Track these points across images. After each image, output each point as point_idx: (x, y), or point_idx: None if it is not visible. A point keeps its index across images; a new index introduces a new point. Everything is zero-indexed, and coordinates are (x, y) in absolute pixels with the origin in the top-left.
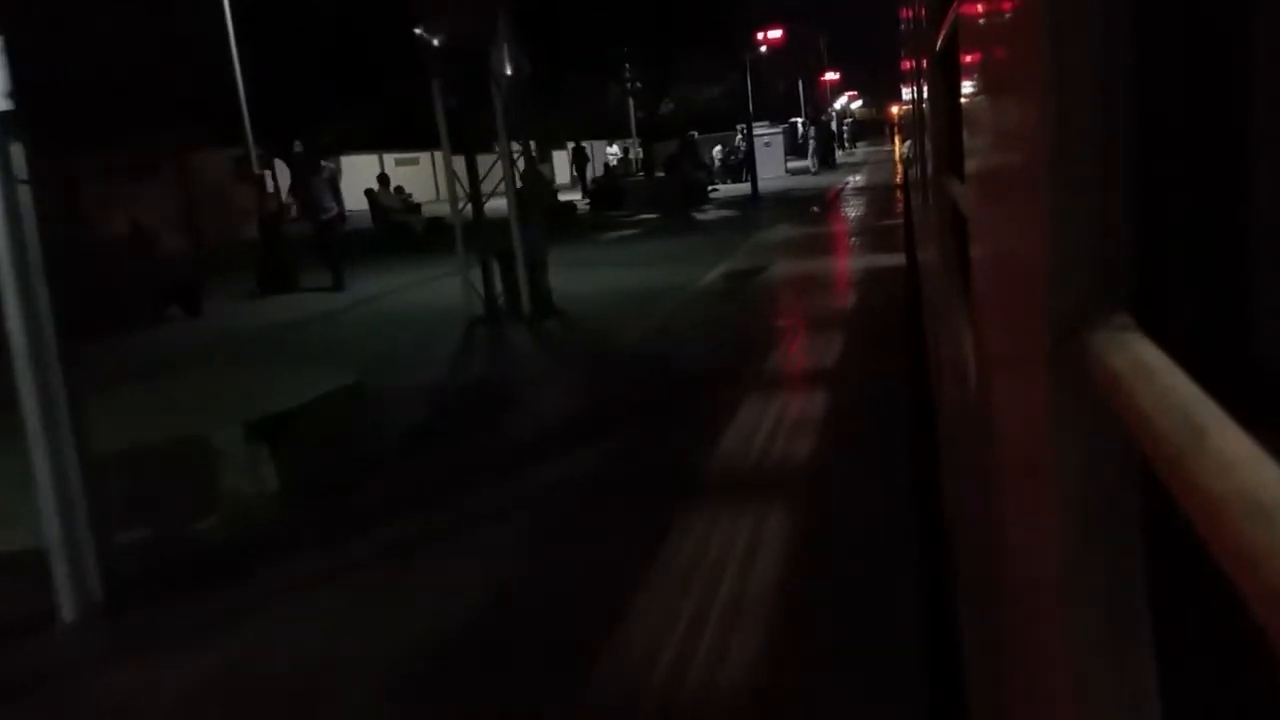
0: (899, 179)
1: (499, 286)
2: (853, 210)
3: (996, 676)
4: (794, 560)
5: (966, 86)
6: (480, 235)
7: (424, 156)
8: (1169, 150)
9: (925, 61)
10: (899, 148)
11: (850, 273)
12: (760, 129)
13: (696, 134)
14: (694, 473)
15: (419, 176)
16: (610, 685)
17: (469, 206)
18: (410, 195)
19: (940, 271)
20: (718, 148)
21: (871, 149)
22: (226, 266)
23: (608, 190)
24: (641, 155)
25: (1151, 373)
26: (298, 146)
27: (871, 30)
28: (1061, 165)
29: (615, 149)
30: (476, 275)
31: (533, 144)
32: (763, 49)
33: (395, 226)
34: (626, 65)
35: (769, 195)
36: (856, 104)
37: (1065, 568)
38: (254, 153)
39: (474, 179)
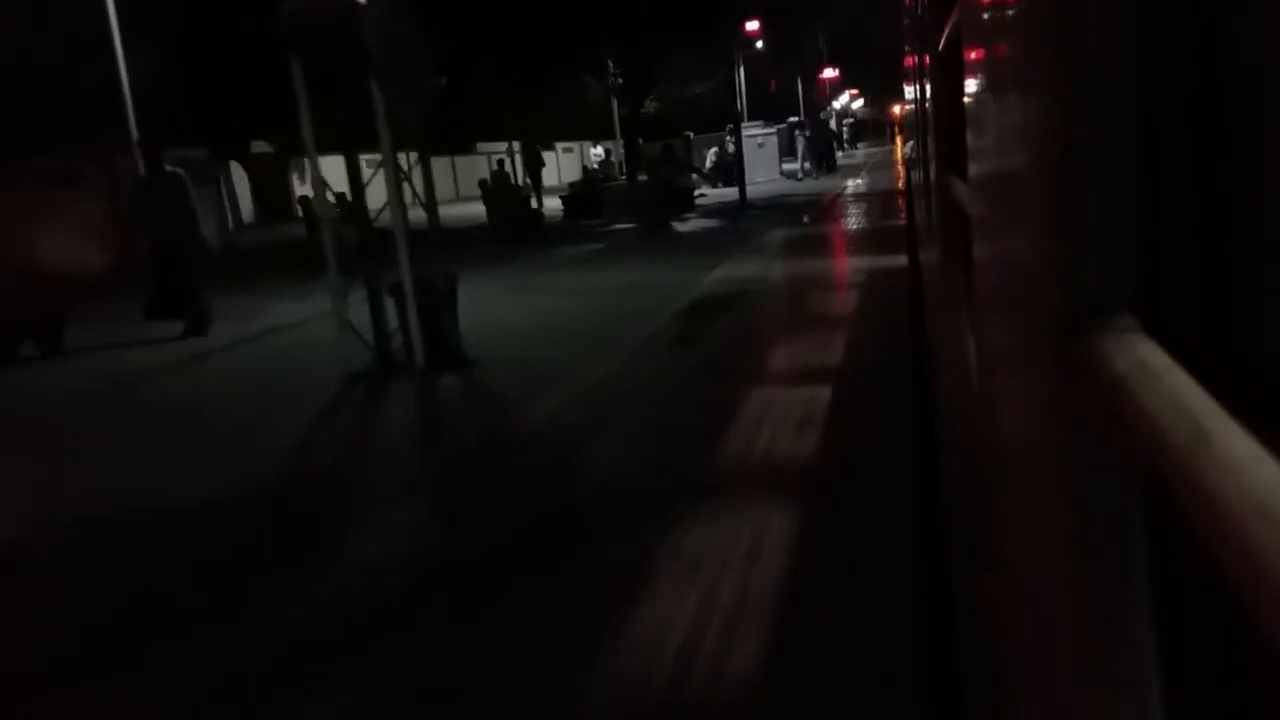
0: (900, 183)
1: (402, 324)
2: (850, 220)
3: (997, 677)
4: None
5: (970, 85)
6: (373, 256)
7: (401, 157)
8: (1174, 150)
9: (928, 60)
10: (900, 148)
11: (843, 308)
12: (753, 129)
13: (692, 134)
14: None
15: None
16: None
17: (412, 215)
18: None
19: (943, 272)
20: (713, 149)
21: (873, 149)
22: (125, 289)
23: (584, 196)
24: (636, 156)
25: (1155, 374)
26: (259, 148)
27: (873, 28)
28: (1065, 165)
29: (599, 150)
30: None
31: (512, 145)
32: (758, 44)
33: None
34: (609, 60)
35: (759, 202)
36: (858, 103)
37: (1068, 568)
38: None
39: (356, 181)
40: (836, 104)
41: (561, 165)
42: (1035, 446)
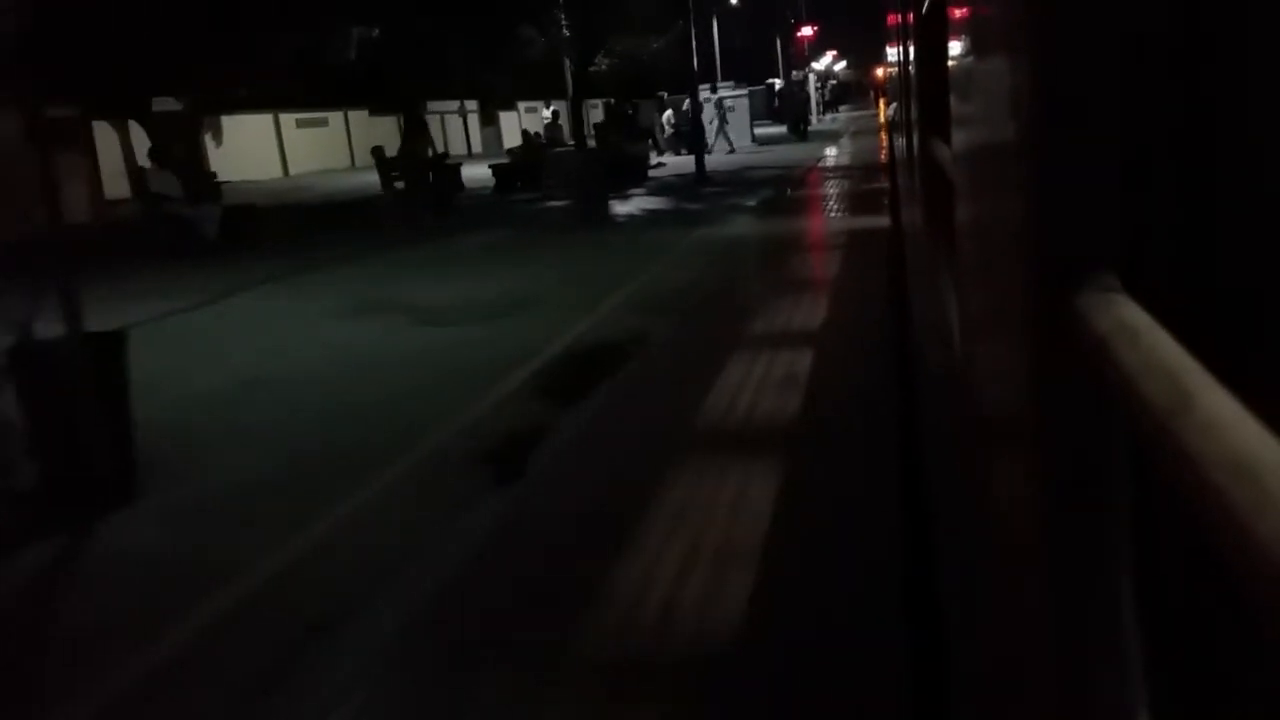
0: (884, 154)
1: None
2: (820, 201)
3: (981, 641)
4: None
5: (953, 48)
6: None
7: (335, 116)
8: (1157, 113)
9: (911, 21)
10: (884, 112)
11: (804, 349)
12: (722, 90)
13: (666, 94)
14: None
15: (327, 142)
16: None
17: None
18: (214, 174)
19: (926, 235)
20: (668, 112)
21: (855, 113)
22: None
23: (521, 166)
24: (582, 119)
25: (1137, 334)
26: (163, 105)
27: None
28: (1047, 128)
29: (548, 113)
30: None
31: (465, 104)
32: None
33: (169, 221)
34: (555, 8)
35: (721, 174)
36: (840, 65)
37: (1051, 529)
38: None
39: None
40: (818, 65)
41: (530, 127)
42: (1018, 407)
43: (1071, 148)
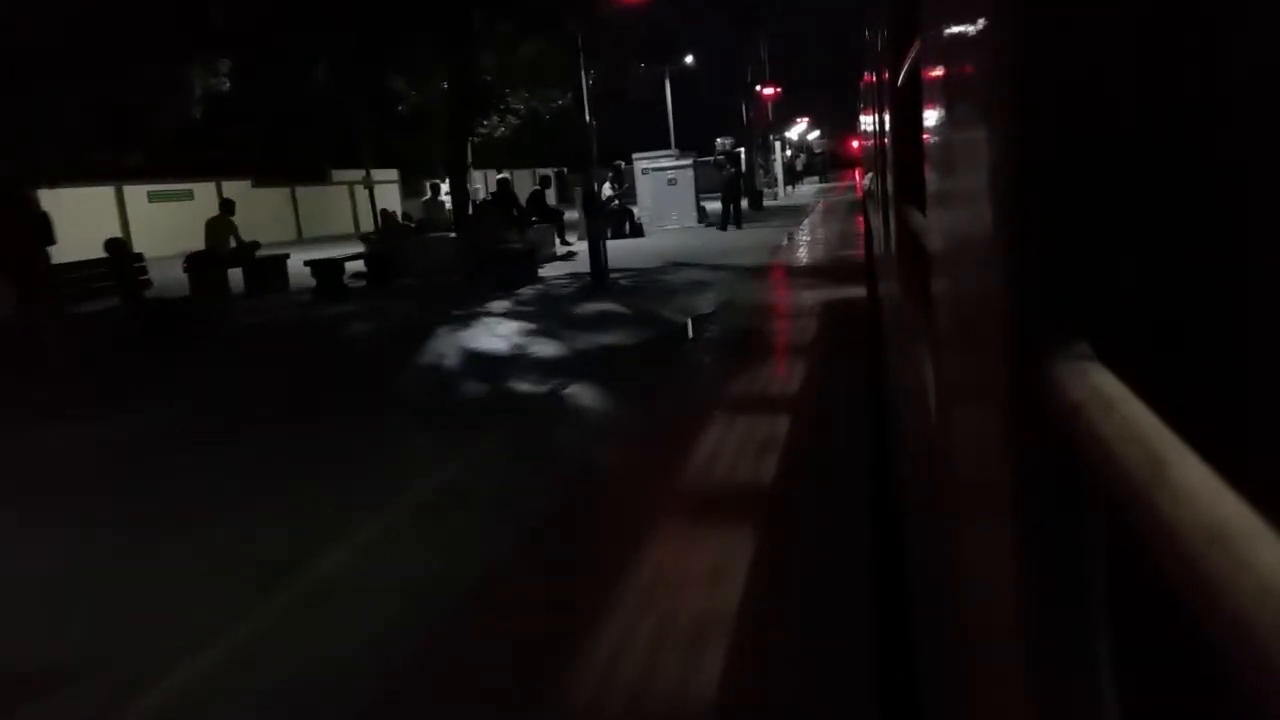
0: (861, 247)
1: None
2: (764, 337)
3: (955, 707)
4: None
5: (928, 119)
6: None
7: (204, 188)
8: (1128, 182)
9: (887, 93)
10: (861, 182)
11: None
12: (663, 159)
13: (623, 164)
14: None
15: (192, 218)
16: None
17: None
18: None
19: (902, 304)
20: (606, 183)
21: (826, 185)
22: None
23: (374, 256)
24: (469, 195)
25: (1110, 402)
26: None
27: (829, 57)
28: (1020, 197)
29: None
30: None
31: (370, 174)
32: (686, 59)
33: None
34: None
35: (629, 275)
36: (814, 134)
37: (1026, 597)
38: None
39: None
40: (791, 134)
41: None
42: (992, 472)
43: (1045, 217)
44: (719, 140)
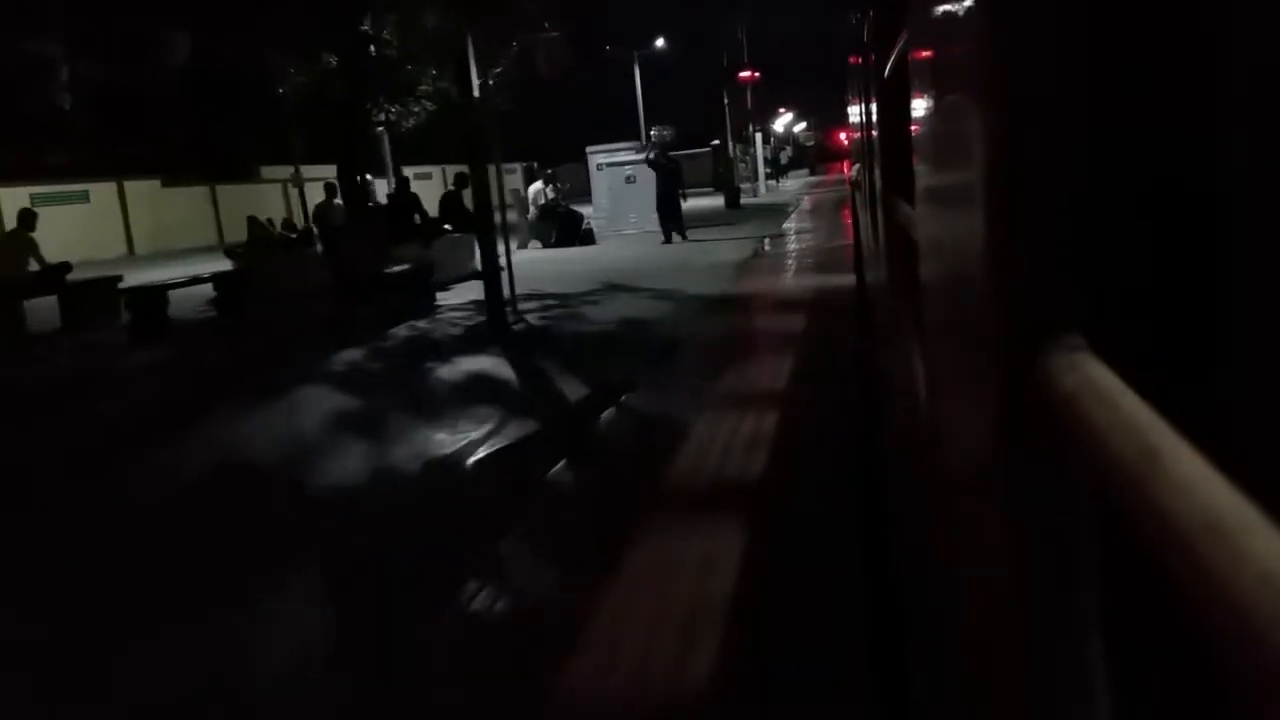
0: (852, 257)
1: None
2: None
3: (947, 704)
4: None
5: (915, 109)
6: None
7: (102, 189)
8: (1118, 171)
9: (874, 84)
10: (849, 178)
11: None
12: (622, 153)
13: (535, 164)
14: None
15: (86, 222)
16: None
17: None
18: None
19: (891, 296)
20: (535, 186)
21: (813, 179)
22: None
23: (239, 277)
24: (369, 199)
25: (1103, 393)
26: None
27: (816, 50)
28: (1010, 187)
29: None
30: None
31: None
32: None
33: None
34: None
35: (553, 308)
36: (800, 126)
37: (1019, 591)
38: None
39: None
40: (777, 125)
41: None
42: (984, 466)
43: (1036, 206)
44: (654, 130)
